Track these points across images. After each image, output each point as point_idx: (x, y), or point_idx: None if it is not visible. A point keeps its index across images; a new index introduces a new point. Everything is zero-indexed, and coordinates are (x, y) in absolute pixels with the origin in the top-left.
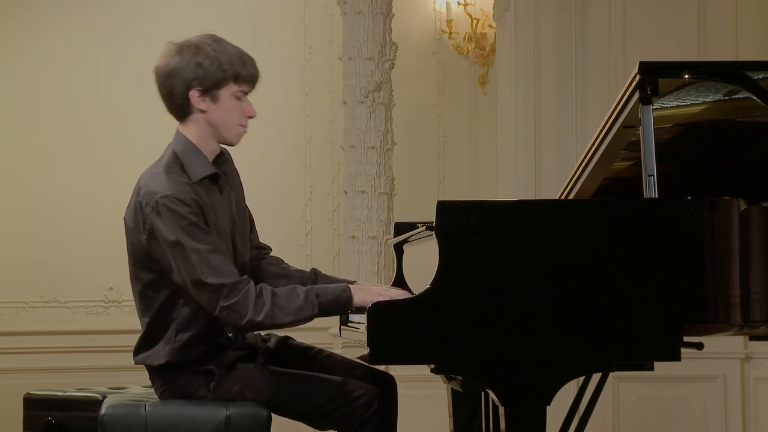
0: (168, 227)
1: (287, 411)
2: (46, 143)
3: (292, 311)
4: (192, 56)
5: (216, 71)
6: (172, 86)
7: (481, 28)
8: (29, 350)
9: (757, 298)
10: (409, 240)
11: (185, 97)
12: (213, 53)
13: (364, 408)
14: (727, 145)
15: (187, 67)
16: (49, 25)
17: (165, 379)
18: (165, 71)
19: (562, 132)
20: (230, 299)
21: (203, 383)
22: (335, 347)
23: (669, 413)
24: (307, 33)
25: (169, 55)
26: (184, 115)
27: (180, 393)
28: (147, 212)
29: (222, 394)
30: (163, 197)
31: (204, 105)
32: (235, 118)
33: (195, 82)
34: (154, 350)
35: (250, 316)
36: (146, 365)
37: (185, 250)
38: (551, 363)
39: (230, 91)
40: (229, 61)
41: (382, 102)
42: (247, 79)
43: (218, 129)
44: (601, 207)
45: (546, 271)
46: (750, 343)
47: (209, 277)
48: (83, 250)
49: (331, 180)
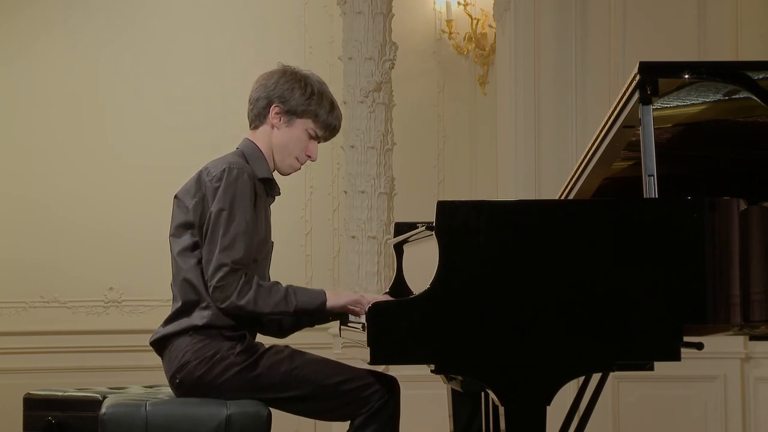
0: (222, 193)
1: (304, 387)
2: (46, 143)
3: (270, 304)
4: (293, 80)
5: (304, 102)
6: (260, 95)
7: (481, 28)
8: (29, 350)
9: (757, 298)
10: (409, 240)
11: (266, 108)
12: (311, 88)
13: (380, 395)
14: (727, 145)
15: (284, 85)
16: (48, 25)
17: (198, 339)
18: (262, 81)
19: (562, 132)
20: (224, 280)
21: (231, 347)
22: (335, 347)
23: (669, 413)
24: (307, 33)
25: (276, 71)
26: (258, 123)
27: (207, 354)
28: (206, 180)
29: (246, 358)
30: (230, 168)
31: (277, 122)
32: (297, 149)
33: (281, 99)
34: (195, 314)
35: (233, 299)
36: (175, 332)
37: (222, 219)
38: (551, 363)
39: (306, 125)
40: (319, 102)
41: (382, 102)
42: (325, 124)
43: (277, 150)
44: (601, 207)
45: (546, 271)
46: (750, 343)
47: (223, 252)
48: (83, 250)
49: (331, 180)
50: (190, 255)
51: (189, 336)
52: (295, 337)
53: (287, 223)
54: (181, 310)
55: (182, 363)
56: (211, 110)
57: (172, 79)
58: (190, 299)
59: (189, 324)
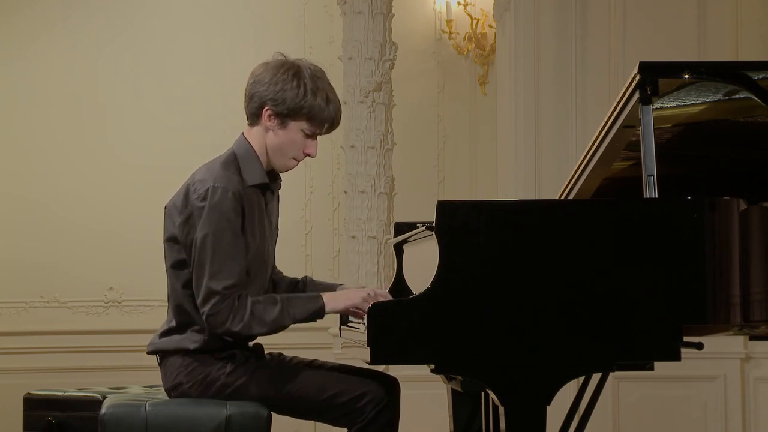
0: (206, 217)
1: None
2: (46, 143)
3: (267, 323)
4: (284, 79)
5: (295, 103)
6: (254, 93)
7: (481, 28)
8: (29, 350)
9: (757, 298)
10: (409, 240)
11: (259, 109)
12: (304, 85)
13: (374, 403)
14: (727, 145)
15: (274, 87)
16: (48, 25)
17: (189, 362)
18: (256, 76)
19: (562, 132)
20: (215, 308)
21: (221, 367)
22: (335, 347)
23: (669, 413)
24: (307, 33)
25: (270, 65)
26: (254, 122)
27: (198, 377)
28: (192, 198)
29: (237, 378)
30: (214, 187)
31: (270, 125)
32: (292, 150)
33: (273, 102)
34: (186, 336)
35: (228, 326)
36: (168, 350)
37: (207, 245)
38: (551, 363)
39: (300, 126)
40: (313, 99)
41: (382, 102)
42: (322, 120)
43: (272, 152)
44: (601, 207)
45: (546, 271)
46: (750, 343)
47: (212, 280)
48: (83, 250)
49: (331, 180)
50: (180, 273)
51: (181, 357)
52: (295, 338)
53: (287, 223)
54: (175, 328)
55: (176, 383)
56: (211, 110)
57: (172, 79)
58: (183, 319)
59: (181, 346)
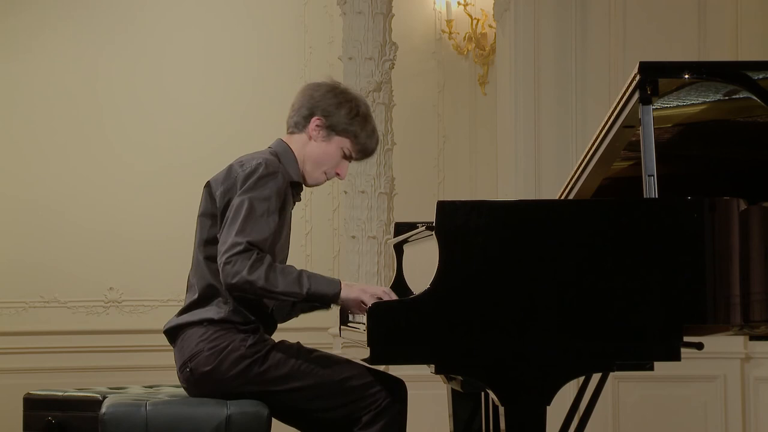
0: (251, 185)
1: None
2: (46, 143)
3: (282, 283)
4: (343, 98)
5: (347, 121)
6: (307, 102)
7: (481, 28)
8: (29, 350)
9: (757, 298)
10: (409, 240)
11: (308, 117)
12: (358, 109)
13: (385, 393)
14: (727, 145)
15: (331, 100)
16: (48, 25)
17: (212, 331)
18: (311, 88)
19: (562, 132)
20: (235, 256)
21: (243, 339)
22: (335, 347)
23: (669, 413)
24: (307, 33)
25: (330, 84)
26: (296, 130)
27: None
28: (238, 171)
29: (257, 351)
30: (267, 164)
31: (315, 134)
32: (328, 164)
33: (324, 113)
34: (210, 307)
35: (244, 273)
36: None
37: (243, 207)
38: (551, 363)
39: (342, 144)
40: (363, 125)
41: (382, 102)
42: (362, 147)
43: (309, 162)
44: (601, 207)
45: (546, 271)
46: (750, 343)
47: (239, 234)
48: (83, 250)
49: (331, 180)
50: (209, 249)
51: (203, 327)
52: (295, 338)
53: None
54: (198, 301)
55: (195, 352)
56: (210, 110)
57: (171, 79)
58: (208, 292)
59: (205, 316)
